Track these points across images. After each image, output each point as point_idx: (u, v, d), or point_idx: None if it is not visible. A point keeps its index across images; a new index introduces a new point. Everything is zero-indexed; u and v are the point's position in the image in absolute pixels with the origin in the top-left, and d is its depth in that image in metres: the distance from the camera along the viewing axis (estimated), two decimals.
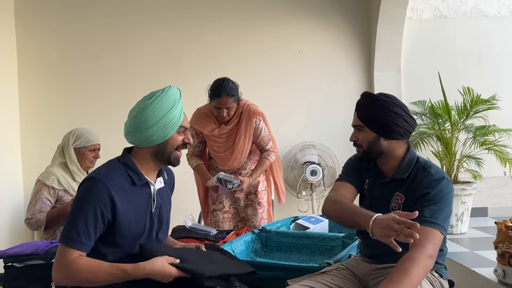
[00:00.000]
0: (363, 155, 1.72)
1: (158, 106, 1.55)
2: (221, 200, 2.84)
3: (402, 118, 1.65)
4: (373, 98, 1.71)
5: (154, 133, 1.55)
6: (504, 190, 4.40)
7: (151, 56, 4.27)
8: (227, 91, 2.57)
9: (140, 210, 1.55)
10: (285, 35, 4.37)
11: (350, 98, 4.42)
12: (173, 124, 1.57)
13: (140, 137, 1.56)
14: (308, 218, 2.62)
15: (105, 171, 1.52)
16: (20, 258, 1.90)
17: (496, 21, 4.48)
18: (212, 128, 2.73)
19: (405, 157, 1.69)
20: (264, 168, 2.81)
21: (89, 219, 1.42)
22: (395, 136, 1.66)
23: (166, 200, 1.69)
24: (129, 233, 1.51)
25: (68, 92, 4.20)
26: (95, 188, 1.45)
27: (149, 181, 1.59)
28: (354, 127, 1.74)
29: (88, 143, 2.67)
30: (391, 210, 1.63)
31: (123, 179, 1.52)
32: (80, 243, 1.41)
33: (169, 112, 1.56)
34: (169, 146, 1.59)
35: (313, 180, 4.05)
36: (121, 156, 1.61)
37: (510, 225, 2.16)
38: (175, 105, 1.58)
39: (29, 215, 2.54)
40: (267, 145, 2.81)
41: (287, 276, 1.73)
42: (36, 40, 4.18)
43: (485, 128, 3.69)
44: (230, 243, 2.19)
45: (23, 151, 4.11)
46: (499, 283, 2.24)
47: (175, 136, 1.59)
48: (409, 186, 1.64)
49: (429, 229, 1.49)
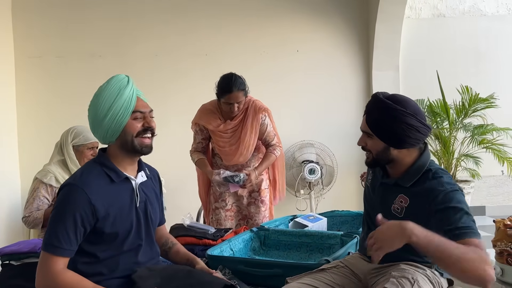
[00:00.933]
0: (373, 162, 1.62)
1: (103, 98, 1.52)
2: (224, 198, 2.83)
3: (415, 129, 1.51)
4: (385, 106, 1.54)
5: (109, 126, 1.51)
6: (502, 189, 4.41)
7: (149, 54, 4.26)
8: (237, 85, 2.57)
9: (123, 207, 1.52)
10: (284, 33, 4.37)
11: (348, 97, 4.43)
12: (123, 111, 1.52)
13: (100, 133, 1.54)
14: (307, 217, 2.61)
15: (80, 175, 1.50)
16: (17, 256, 1.89)
17: (494, 20, 4.49)
18: (218, 123, 2.72)
19: (415, 163, 1.58)
20: (270, 162, 2.81)
21: (69, 225, 1.40)
22: (406, 146, 1.55)
23: (151, 195, 1.65)
24: (116, 231, 1.49)
25: (66, 90, 4.19)
26: (73, 195, 1.43)
27: (129, 176, 1.56)
28: (363, 132, 1.62)
29: (86, 141, 2.65)
30: (392, 211, 1.60)
31: (101, 179, 1.50)
32: (62, 249, 1.40)
33: (115, 100, 1.51)
34: (128, 134, 1.54)
35: (311, 179, 4.05)
36: (97, 156, 1.59)
37: (509, 223, 2.16)
38: (120, 92, 1.53)
39: (26, 213, 2.53)
40: (272, 140, 2.82)
41: (285, 274, 1.73)
42: (34, 38, 4.17)
43: (483, 127, 3.70)
44: (229, 241, 2.18)
45: (20, 149, 4.09)
46: (497, 281, 2.24)
47: (131, 122, 1.54)
48: (417, 193, 1.54)
49: (476, 240, 1.36)
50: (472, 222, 1.42)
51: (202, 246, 2.26)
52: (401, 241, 1.32)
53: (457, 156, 3.69)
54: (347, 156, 4.33)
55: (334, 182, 4.15)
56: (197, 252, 2.19)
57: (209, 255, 2.00)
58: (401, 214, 1.58)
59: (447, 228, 1.41)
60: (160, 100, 4.08)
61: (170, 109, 4.02)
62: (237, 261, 1.95)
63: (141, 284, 1.45)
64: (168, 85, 4.25)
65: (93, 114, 1.54)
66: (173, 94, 4.20)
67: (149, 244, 1.62)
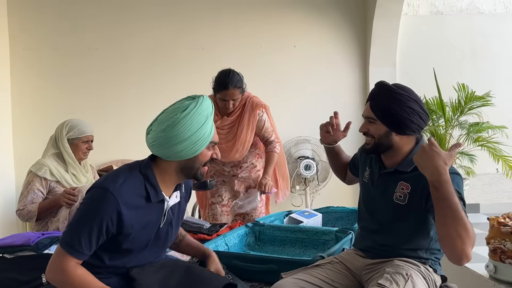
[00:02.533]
0: (373, 147, 1.64)
1: (190, 121, 1.44)
2: (220, 193, 2.82)
3: (418, 114, 1.57)
4: (389, 90, 1.59)
5: (184, 149, 1.45)
6: (496, 187, 4.43)
7: (145, 48, 4.24)
8: (234, 82, 2.53)
9: (148, 226, 1.48)
10: (281, 28, 4.36)
11: (345, 93, 4.42)
12: (204, 139, 1.48)
13: (167, 151, 1.46)
14: (302, 212, 2.61)
15: (121, 183, 1.42)
16: (11, 249, 1.88)
17: (491, 18, 4.49)
18: (214, 119, 2.70)
19: (412, 151, 1.62)
20: (274, 161, 2.76)
21: (94, 231, 1.36)
22: (408, 132, 1.59)
23: (177, 215, 1.60)
24: (132, 247, 1.46)
25: (61, 82, 4.16)
26: (105, 201, 1.38)
27: (165, 198, 1.51)
28: (366, 118, 1.65)
29: (81, 135, 2.64)
30: (395, 200, 1.61)
31: (138, 194, 1.44)
32: (81, 253, 1.38)
33: (201, 127, 1.46)
34: (198, 162, 1.50)
35: (307, 175, 4.05)
36: (143, 165, 1.50)
37: (503, 221, 2.17)
38: (207, 120, 1.48)
39: (20, 206, 2.52)
40: (271, 137, 2.79)
41: (280, 269, 1.73)
42: (29, 30, 4.13)
43: (478, 125, 3.71)
44: (224, 236, 2.18)
45: (15, 142, 4.07)
46: (490, 278, 2.25)
47: (205, 152, 1.51)
48: (417, 178, 1.55)
49: None
50: (462, 207, 1.45)
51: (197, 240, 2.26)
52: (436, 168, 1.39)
53: None
54: None
55: (330, 178, 4.15)
56: None
57: None
58: (405, 201, 1.59)
59: None
60: (157, 94, 4.07)
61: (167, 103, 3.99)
62: (232, 256, 1.95)
63: (141, 281, 1.43)
64: (165, 79, 4.22)
65: (170, 132, 1.44)
66: (170, 88, 4.18)
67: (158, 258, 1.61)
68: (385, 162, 1.68)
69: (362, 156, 1.83)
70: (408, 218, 1.59)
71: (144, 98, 4.06)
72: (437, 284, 1.62)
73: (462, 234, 1.38)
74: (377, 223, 1.67)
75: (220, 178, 2.83)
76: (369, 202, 1.73)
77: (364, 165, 1.80)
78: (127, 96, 4.12)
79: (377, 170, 1.70)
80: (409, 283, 1.48)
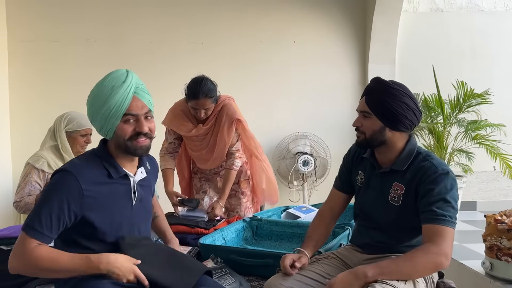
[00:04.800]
0: (364, 142, 1.64)
1: (96, 96, 1.44)
2: (205, 190, 2.81)
3: (412, 110, 1.58)
4: (386, 85, 1.61)
5: (101, 125, 1.44)
6: (493, 185, 4.45)
7: (144, 42, 4.22)
8: (204, 92, 2.42)
9: (118, 203, 1.47)
10: (281, 24, 4.35)
11: (344, 89, 4.42)
12: (114, 113, 1.42)
13: (96, 126, 1.47)
14: (299, 208, 2.62)
15: (79, 163, 1.44)
16: (8, 241, 1.88)
17: (491, 16, 4.49)
18: (189, 128, 2.61)
19: (405, 148, 1.62)
20: (231, 180, 2.62)
21: (54, 211, 1.35)
22: (401, 128, 1.59)
23: (147, 191, 1.59)
24: (109, 228, 1.44)
25: (59, 74, 4.15)
26: (65, 181, 1.37)
27: (128, 173, 1.49)
28: (360, 112, 1.65)
29: (79, 128, 2.63)
30: (390, 201, 1.61)
31: (99, 172, 1.44)
32: (42, 234, 1.35)
33: (107, 100, 1.41)
34: (120, 137, 1.45)
35: (304, 171, 4.06)
36: (97, 149, 1.51)
37: (499, 218, 2.18)
38: (114, 91, 1.42)
39: (17, 198, 2.51)
40: (233, 148, 2.64)
41: (277, 264, 1.73)
42: (27, 22, 4.11)
43: (477, 122, 3.71)
44: (221, 230, 2.19)
45: (13, 134, 4.06)
46: (486, 275, 2.27)
47: (121, 126, 1.43)
48: (410, 178, 1.57)
49: (443, 228, 1.45)
50: (448, 208, 1.48)
51: (195, 234, 2.26)
52: (359, 285, 1.40)
53: (450, 151, 3.71)
54: (340, 149, 4.30)
55: (327, 174, 4.16)
56: (189, 240, 2.20)
57: (201, 244, 2.00)
58: (399, 202, 1.60)
59: (423, 210, 1.51)
60: (155, 87, 4.03)
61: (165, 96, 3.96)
62: (229, 251, 1.95)
63: (126, 251, 1.43)
64: (163, 72, 4.21)
65: (88, 110, 1.48)
66: (168, 81, 4.16)
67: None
68: (380, 160, 1.68)
69: (354, 161, 1.80)
70: (403, 218, 1.59)
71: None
72: (434, 281, 1.62)
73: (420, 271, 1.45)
74: (374, 222, 1.68)
75: (203, 175, 2.82)
76: (364, 204, 1.72)
77: (356, 169, 1.77)
78: None
79: (373, 170, 1.70)
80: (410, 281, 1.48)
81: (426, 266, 1.43)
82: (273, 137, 4.25)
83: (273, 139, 4.26)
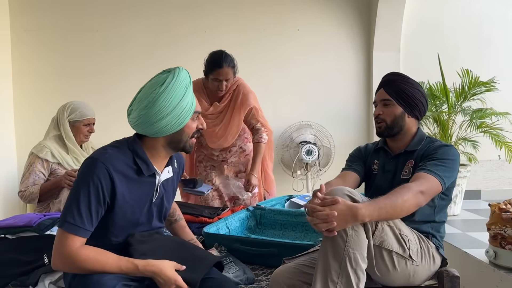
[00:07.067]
0: (385, 130, 1.77)
1: (170, 95, 1.43)
2: (211, 178, 2.81)
3: (424, 98, 1.78)
4: (403, 76, 1.81)
5: (169, 123, 1.44)
6: (498, 174, 4.42)
7: (147, 31, 4.20)
8: (228, 62, 2.53)
9: (140, 200, 1.47)
10: (284, 11, 4.30)
11: (348, 78, 4.39)
12: (187, 111, 1.46)
13: (152, 128, 1.44)
14: (303, 197, 2.62)
15: (110, 153, 1.42)
16: (13, 230, 1.89)
17: (497, 3, 4.43)
18: (205, 107, 2.65)
19: (417, 133, 1.80)
20: (262, 153, 2.72)
21: (92, 202, 1.34)
22: (416, 114, 1.77)
23: (169, 189, 1.60)
24: (124, 222, 1.44)
25: (62, 64, 4.14)
26: (97, 169, 1.36)
27: (157, 171, 1.50)
28: (380, 101, 1.79)
29: (83, 117, 2.63)
30: (401, 177, 1.71)
31: (128, 167, 1.43)
32: (83, 229, 1.33)
33: (182, 99, 1.44)
34: (185, 134, 1.50)
35: (308, 160, 4.05)
36: (131, 142, 1.49)
37: (504, 207, 2.17)
38: (187, 91, 1.47)
39: (22, 188, 2.53)
40: (257, 124, 2.73)
41: (281, 253, 1.74)
42: (30, 11, 4.09)
43: (482, 111, 3.68)
44: (225, 219, 2.19)
45: (16, 123, 4.07)
46: (490, 264, 2.26)
47: (190, 123, 1.50)
48: (420, 153, 1.72)
49: (426, 174, 1.57)
50: (438, 167, 1.60)
51: (199, 223, 2.27)
52: (353, 223, 1.42)
53: (455, 140, 3.68)
54: (344, 138, 4.32)
55: (331, 164, 4.15)
56: (193, 229, 2.20)
57: (205, 232, 2.01)
58: (409, 175, 1.69)
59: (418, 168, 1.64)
60: None
61: None
62: (233, 239, 1.96)
63: (137, 246, 1.43)
64: (166, 62, 4.16)
65: (152, 109, 1.42)
66: None
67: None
68: (393, 147, 1.82)
69: (368, 154, 1.89)
70: None
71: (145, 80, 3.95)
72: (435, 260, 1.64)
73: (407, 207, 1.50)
74: None
75: (209, 163, 2.82)
76: (381, 186, 1.76)
77: (371, 159, 1.86)
78: (128, 78, 4.08)
79: (386, 156, 1.82)
80: None
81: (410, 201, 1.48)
82: (276, 127, 4.23)
83: (276, 129, 4.23)
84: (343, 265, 1.39)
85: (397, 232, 1.53)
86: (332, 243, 1.41)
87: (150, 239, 1.50)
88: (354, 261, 1.40)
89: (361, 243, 1.42)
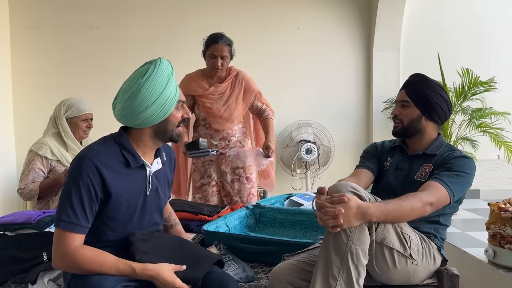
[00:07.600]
0: (401, 130, 1.78)
1: (153, 84, 1.44)
2: (209, 174, 2.80)
3: (446, 103, 1.75)
4: (426, 79, 1.79)
5: (153, 113, 1.45)
6: (497, 173, 4.43)
7: (147, 28, 4.19)
8: (224, 39, 2.68)
9: (133, 193, 1.46)
10: (285, 10, 4.30)
11: (348, 77, 4.39)
12: (171, 100, 1.47)
13: (137, 119, 1.45)
14: (302, 195, 2.62)
15: (96, 149, 1.43)
16: (12, 227, 1.89)
17: (497, 2, 4.43)
18: (205, 88, 2.72)
19: (437, 139, 1.78)
20: (272, 126, 2.88)
21: (84, 198, 1.35)
22: (435, 118, 1.75)
23: (163, 181, 1.59)
24: (119, 216, 1.44)
25: (62, 61, 4.13)
26: (85, 166, 1.37)
27: (145, 163, 1.50)
28: (399, 102, 1.79)
29: (79, 113, 2.62)
30: (416, 178, 1.71)
31: (116, 160, 1.44)
32: (80, 226, 1.34)
33: (165, 88, 1.45)
34: (170, 124, 1.50)
35: (308, 159, 4.05)
36: (117, 135, 1.50)
37: (503, 206, 2.18)
38: (170, 80, 1.48)
39: (22, 185, 2.52)
40: (262, 105, 2.87)
41: (280, 251, 1.74)
42: (29, 9, 4.08)
43: (481, 110, 3.69)
44: (225, 217, 2.19)
45: (16, 121, 4.06)
46: (489, 263, 2.27)
47: (175, 112, 1.50)
48: (439, 160, 1.71)
49: (437, 184, 1.56)
50: (452, 179, 1.59)
51: (198, 221, 2.27)
52: (360, 222, 1.42)
53: (455, 139, 3.69)
54: (344, 137, 4.33)
55: (331, 162, 4.15)
56: (192, 227, 2.20)
57: (205, 230, 2.00)
58: (425, 178, 1.68)
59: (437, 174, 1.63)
60: None
61: None
62: (232, 237, 1.95)
63: (138, 245, 1.43)
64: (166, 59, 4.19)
65: (135, 100, 1.43)
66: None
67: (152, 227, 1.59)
68: (412, 147, 1.81)
69: (383, 151, 1.88)
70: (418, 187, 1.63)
71: None
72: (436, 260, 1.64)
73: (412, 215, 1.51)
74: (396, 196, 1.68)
75: (207, 157, 2.82)
76: (391, 183, 1.77)
77: (385, 156, 1.86)
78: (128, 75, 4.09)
79: (402, 155, 1.81)
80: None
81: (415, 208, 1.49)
82: (276, 125, 4.19)
83: (276, 127, 4.21)
84: (345, 260, 1.39)
85: (399, 231, 1.53)
86: (335, 238, 1.42)
87: (151, 238, 1.50)
88: (356, 257, 1.40)
89: (364, 239, 1.42)
